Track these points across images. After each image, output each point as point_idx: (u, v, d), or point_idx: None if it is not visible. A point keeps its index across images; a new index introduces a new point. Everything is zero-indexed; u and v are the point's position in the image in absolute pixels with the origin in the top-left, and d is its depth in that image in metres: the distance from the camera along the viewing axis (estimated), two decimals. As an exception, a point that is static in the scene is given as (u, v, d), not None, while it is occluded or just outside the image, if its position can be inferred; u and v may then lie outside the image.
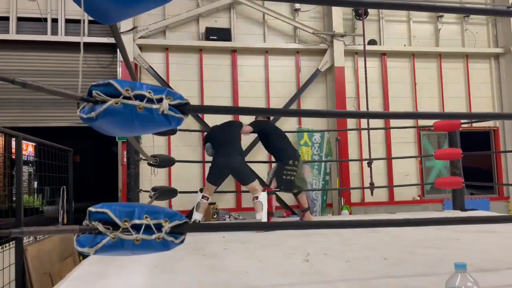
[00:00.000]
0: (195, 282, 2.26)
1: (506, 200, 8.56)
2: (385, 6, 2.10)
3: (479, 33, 8.84)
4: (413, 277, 2.24)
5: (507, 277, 2.16)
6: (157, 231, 1.26)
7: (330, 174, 7.95)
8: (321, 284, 2.16)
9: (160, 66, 7.63)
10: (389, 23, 8.61)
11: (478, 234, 3.56)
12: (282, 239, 3.57)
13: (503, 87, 8.76)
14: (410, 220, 2.99)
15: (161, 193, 3.52)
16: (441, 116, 3.39)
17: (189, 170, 7.42)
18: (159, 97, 1.31)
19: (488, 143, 8.84)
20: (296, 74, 8.11)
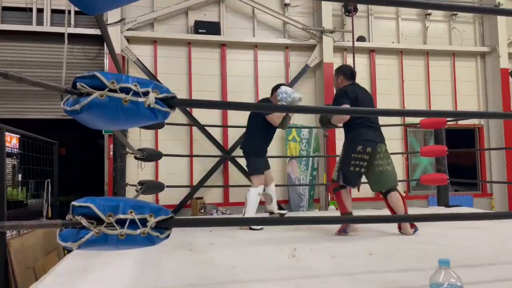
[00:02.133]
0: (181, 276, 2.25)
1: (489, 197, 8.71)
2: (374, 2, 2.10)
3: (466, 31, 8.94)
4: (398, 272, 2.26)
5: (489, 272, 2.20)
6: (142, 226, 1.24)
7: (318, 169, 8.00)
8: (308, 279, 2.17)
9: (148, 59, 7.55)
10: (378, 20, 8.65)
11: (462, 230, 3.62)
12: (269, 234, 3.58)
13: (488, 86, 8.88)
14: (396, 217, 3.02)
15: (148, 187, 3.48)
16: (427, 114, 3.44)
17: (176, 164, 7.37)
18: (145, 90, 1.29)
19: (472, 140, 8.97)
20: (285, 69, 8.11)
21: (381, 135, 3.64)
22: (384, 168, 3.51)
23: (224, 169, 7.70)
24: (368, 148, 3.50)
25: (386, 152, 3.57)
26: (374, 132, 3.58)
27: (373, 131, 3.57)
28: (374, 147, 3.51)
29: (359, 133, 3.54)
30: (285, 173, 7.82)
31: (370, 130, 3.57)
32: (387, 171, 3.51)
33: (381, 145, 3.56)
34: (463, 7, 4.13)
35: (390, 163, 3.56)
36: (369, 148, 3.50)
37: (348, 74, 3.83)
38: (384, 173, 3.50)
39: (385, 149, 3.59)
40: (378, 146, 3.53)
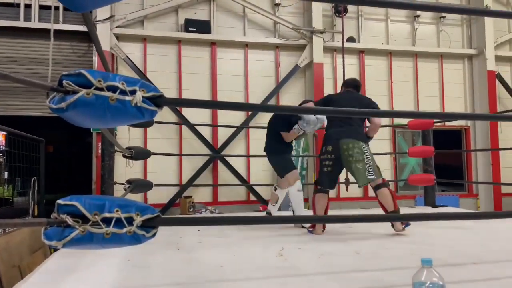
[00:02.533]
0: (168, 275, 2.25)
1: (475, 197, 8.85)
2: (365, 3, 2.13)
3: (454, 34, 9.06)
4: (383, 271, 2.29)
5: (472, 272, 2.24)
6: (128, 225, 1.24)
7: (307, 169, 8.03)
8: (295, 278, 2.19)
9: (137, 56, 7.51)
10: (368, 21, 8.72)
11: (448, 229, 3.67)
12: (257, 233, 3.58)
13: (475, 88, 9.01)
14: (382, 216, 3.06)
15: (136, 186, 3.47)
16: (415, 115, 3.48)
17: (165, 163, 7.36)
18: (133, 89, 1.29)
19: (459, 141, 9.09)
20: (275, 69, 8.13)
21: (348, 132, 3.52)
22: (354, 165, 3.45)
23: (214, 168, 7.69)
24: (328, 147, 3.57)
25: (357, 149, 3.45)
26: (337, 130, 3.56)
27: (336, 129, 3.57)
28: (335, 145, 3.52)
29: (326, 134, 3.72)
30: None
31: (334, 129, 3.61)
32: (357, 168, 3.43)
33: (346, 141, 3.48)
34: (450, 9, 4.19)
35: (361, 160, 3.42)
36: (329, 147, 3.56)
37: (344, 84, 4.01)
38: (357, 170, 3.44)
39: (354, 146, 3.46)
40: (341, 143, 3.49)
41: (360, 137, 3.56)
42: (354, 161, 3.45)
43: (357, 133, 3.56)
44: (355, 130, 3.56)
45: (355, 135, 3.52)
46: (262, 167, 7.90)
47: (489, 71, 8.73)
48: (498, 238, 3.33)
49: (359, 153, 3.45)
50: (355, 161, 3.44)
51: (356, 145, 3.47)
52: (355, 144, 3.47)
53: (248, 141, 7.90)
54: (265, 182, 7.80)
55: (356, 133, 3.55)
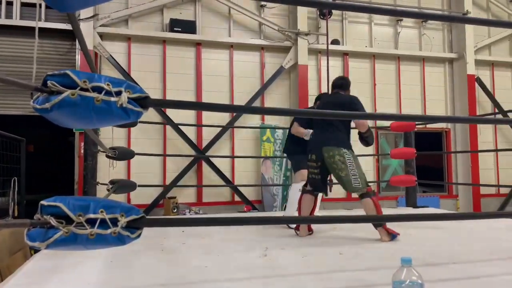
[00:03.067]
0: (151, 276, 2.24)
1: (455, 198, 9.04)
2: (348, 8, 2.17)
3: (435, 38, 9.25)
4: (365, 271, 2.33)
5: (451, 271, 2.30)
6: (113, 226, 1.24)
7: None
8: (278, 278, 2.21)
9: (121, 56, 7.44)
10: (352, 24, 8.83)
11: (429, 230, 3.75)
12: (241, 234, 3.60)
13: (455, 91, 9.21)
14: (365, 217, 3.11)
15: (120, 186, 3.44)
16: (397, 118, 3.53)
17: (149, 163, 7.31)
18: (118, 90, 1.29)
19: (440, 143, 9.28)
20: (260, 70, 8.16)
21: (329, 139, 3.48)
22: (338, 173, 3.40)
23: (198, 169, 7.68)
24: (312, 155, 3.59)
25: (339, 157, 3.39)
26: (319, 137, 3.57)
27: (318, 136, 3.59)
28: (318, 153, 3.51)
29: (309, 140, 3.74)
30: (259, 173, 7.87)
31: (316, 135, 3.63)
32: (341, 176, 3.38)
33: (327, 148, 3.44)
34: (430, 15, 4.28)
35: (344, 168, 3.36)
36: (313, 155, 3.57)
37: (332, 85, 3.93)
38: (341, 178, 3.39)
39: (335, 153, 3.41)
40: (324, 150, 3.46)
41: (342, 143, 3.47)
42: (337, 169, 3.39)
43: (337, 139, 3.48)
44: (336, 137, 3.49)
45: (336, 142, 3.46)
46: (247, 167, 7.93)
47: (469, 74, 8.94)
48: (477, 238, 3.42)
49: (342, 161, 3.38)
50: (339, 169, 3.38)
51: (337, 153, 3.41)
52: (335, 151, 3.41)
53: (233, 142, 7.91)
54: (249, 183, 7.83)
55: (337, 140, 3.48)
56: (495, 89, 9.43)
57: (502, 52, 9.72)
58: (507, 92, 9.57)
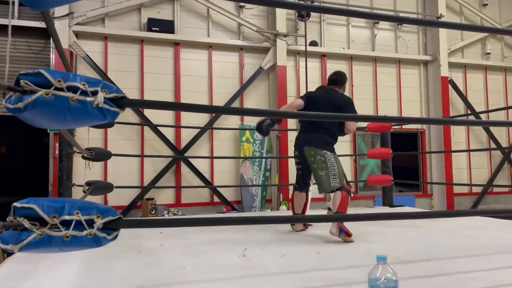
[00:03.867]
0: (129, 278, 2.21)
1: (429, 197, 9.26)
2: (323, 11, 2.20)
3: (410, 40, 9.45)
4: (342, 269, 2.36)
5: (424, 268, 2.36)
6: (89, 227, 1.22)
7: (271, 170, 8.11)
8: (257, 278, 2.22)
9: (98, 55, 7.32)
10: (330, 26, 8.94)
11: (404, 228, 3.83)
12: (221, 234, 3.59)
13: (430, 93, 9.44)
14: (341, 216, 3.15)
15: (96, 188, 3.38)
16: (373, 119, 3.58)
17: (127, 164, 7.21)
18: (94, 90, 1.27)
19: (415, 144, 9.49)
20: (239, 70, 8.17)
21: (312, 139, 3.50)
22: (318, 172, 3.43)
23: (177, 170, 7.62)
24: (295, 152, 3.67)
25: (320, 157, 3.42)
26: (304, 136, 3.61)
27: (303, 135, 3.62)
28: (300, 151, 3.59)
29: (296, 138, 3.76)
30: (238, 174, 7.86)
31: (301, 134, 3.68)
32: (321, 176, 3.40)
33: (308, 148, 3.49)
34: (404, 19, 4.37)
35: (324, 167, 3.39)
36: (296, 152, 3.66)
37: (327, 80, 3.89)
38: (321, 177, 3.41)
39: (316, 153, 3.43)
40: (305, 149, 3.51)
41: (324, 145, 3.47)
42: (318, 169, 3.43)
43: (321, 140, 3.48)
44: (321, 138, 3.49)
45: (318, 143, 3.46)
46: (226, 168, 7.91)
47: (443, 76, 9.18)
48: (450, 236, 3.52)
49: (322, 160, 3.40)
50: (319, 168, 3.42)
51: (319, 153, 3.43)
52: (317, 151, 3.44)
53: (212, 143, 7.88)
54: (229, 184, 7.82)
55: (320, 141, 3.48)
56: (467, 91, 9.71)
57: (474, 55, 10.02)
58: (479, 94, 9.87)
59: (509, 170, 9.88)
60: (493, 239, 3.36)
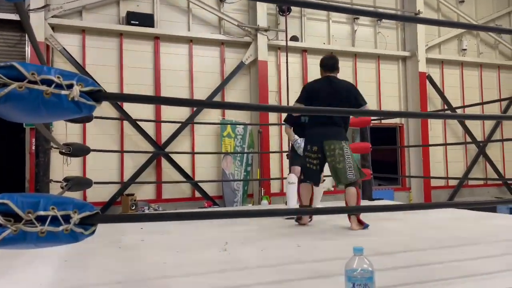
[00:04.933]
0: (108, 274, 2.20)
1: (407, 191, 9.45)
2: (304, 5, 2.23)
3: (389, 36, 9.58)
4: (321, 262, 2.40)
5: (401, 259, 2.41)
6: (65, 223, 1.21)
7: (252, 165, 8.13)
8: (237, 271, 2.23)
9: (75, 48, 7.17)
10: (311, 21, 8.98)
11: (383, 221, 3.90)
12: (202, 229, 3.59)
13: (408, 88, 9.61)
14: (321, 209, 3.19)
15: (74, 184, 3.34)
16: (351, 112, 3.61)
17: (106, 160, 7.11)
18: (69, 83, 1.25)
19: (394, 138, 9.66)
20: (220, 65, 8.13)
21: (331, 132, 3.48)
22: (336, 165, 3.42)
23: (157, 165, 7.56)
24: (314, 147, 3.54)
25: (339, 150, 3.43)
26: (320, 130, 3.51)
27: (320, 129, 3.52)
28: (320, 146, 3.50)
29: (309, 133, 3.66)
30: (219, 169, 7.86)
31: (317, 128, 3.55)
32: (337, 168, 3.42)
33: (329, 142, 3.46)
34: (383, 14, 4.44)
35: (342, 161, 3.41)
36: (315, 147, 3.54)
37: (323, 66, 3.68)
38: (339, 170, 3.42)
39: (336, 146, 3.43)
40: (325, 143, 3.47)
41: (342, 136, 3.51)
42: (336, 162, 3.43)
43: (340, 133, 3.51)
44: (338, 130, 3.50)
45: (338, 136, 3.48)
46: (207, 163, 7.89)
47: (421, 72, 9.35)
48: (427, 228, 3.60)
49: (341, 153, 3.42)
50: (337, 161, 3.42)
51: (338, 146, 3.44)
52: (337, 145, 3.44)
53: (193, 137, 7.84)
54: (210, 179, 7.80)
55: (339, 133, 3.51)
56: (444, 87, 9.92)
57: (451, 51, 10.23)
58: (455, 89, 10.10)
59: (484, 164, 10.17)
60: (467, 230, 3.46)
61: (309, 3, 2.56)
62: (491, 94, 10.34)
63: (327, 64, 3.60)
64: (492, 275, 2.01)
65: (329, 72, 3.58)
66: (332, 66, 3.59)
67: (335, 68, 3.61)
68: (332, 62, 3.61)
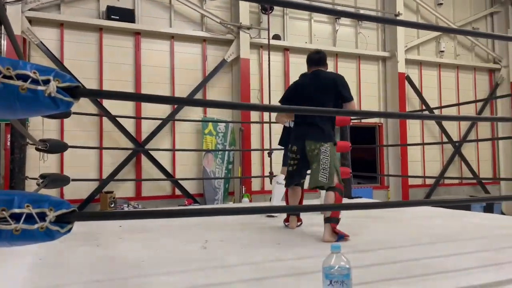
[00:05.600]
0: (85, 273, 2.17)
1: (386, 189, 9.61)
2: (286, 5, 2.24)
3: (370, 37, 9.71)
4: (300, 259, 2.43)
5: (377, 256, 2.46)
6: (41, 221, 1.19)
7: (233, 163, 8.13)
8: (216, 269, 2.23)
9: (53, 43, 7.02)
10: (293, 20, 9.01)
11: (361, 219, 3.96)
12: (182, 227, 3.58)
13: (388, 88, 9.76)
14: (302, 207, 3.22)
15: (51, 180, 3.26)
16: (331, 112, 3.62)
17: (84, 156, 6.99)
18: (46, 78, 1.22)
19: (373, 137, 9.80)
20: (202, 62, 8.09)
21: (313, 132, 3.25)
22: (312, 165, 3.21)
23: (137, 162, 7.47)
24: (293, 147, 3.38)
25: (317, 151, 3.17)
26: (302, 129, 3.33)
27: (301, 128, 3.35)
28: (300, 145, 3.30)
29: (292, 132, 3.50)
30: (200, 166, 7.82)
31: (299, 127, 3.39)
32: (313, 169, 3.20)
33: (309, 142, 3.23)
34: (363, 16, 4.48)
35: (316, 161, 3.16)
36: (294, 147, 3.37)
37: (308, 60, 3.51)
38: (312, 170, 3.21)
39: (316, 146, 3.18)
40: (306, 144, 3.25)
41: (325, 137, 3.23)
42: (312, 162, 3.22)
43: (322, 133, 3.24)
44: (320, 130, 3.24)
45: (320, 136, 3.22)
46: (188, 161, 7.85)
47: (400, 73, 9.52)
48: (404, 225, 3.68)
49: (317, 154, 3.18)
50: (313, 162, 3.21)
51: (318, 146, 3.19)
52: (317, 145, 3.20)
53: (174, 135, 7.78)
54: (191, 177, 7.76)
55: (321, 134, 3.24)
56: (422, 87, 10.12)
57: (429, 52, 10.44)
58: (433, 90, 10.31)
59: (459, 163, 10.43)
60: (443, 227, 3.55)
61: (291, 3, 2.57)
62: (467, 95, 10.61)
63: (313, 58, 3.47)
64: (465, 271, 2.07)
65: (315, 67, 3.45)
66: (317, 60, 3.45)
67: (320, 63, 3.45)
68: (318, 56, 3.46)
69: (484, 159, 10.84)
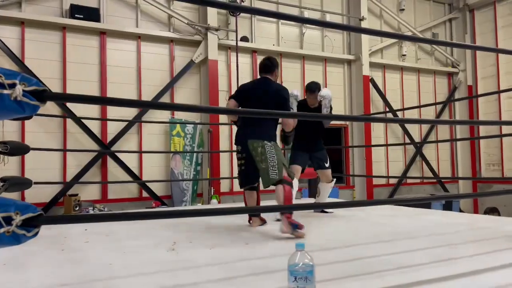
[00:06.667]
0: (51, 277, 2.13)
1: (352, 189, 9.87)
2: (254, 12, 2.30)
3: (336, 40, 9.94)
4: (268, 258, 2.49)
5: (340, 254, 2.56)
6: (7, 225, 1.19)
7: (202, 164, 8.11)
8: (185, 271, 2.25)
9: (13, 41, 6.78)
10: (261, 22, 9.11)
11: (327, 218, 4.08)
12: (149, 230, 3.56)
13: (353, 90, 10.03)
14: (268, 207, 3.29)
15: (12, 184, 3.18)
16: (297, 116, 3.72)
17: (47, 159, 6.79)
18: (12, 82, 1.22)
19: (339, 138, 10.04)
20: (169, 63, 8.03)
21: (254, 132, 3.43)
22: (259, 165, 3.37)
23: (103, 164, 7.33)
24: (238, 147, 3.55)
25: (261, 149, 3.36)
26: (244, 131, 3.52)
27: (243, 130, 3.53)
28: (244, 146, 3.48)
29: (236, 133, 3.65)
30: (168, 168, 7.76)
31: (241, 129, 3.58)
32: (262, 168, 3.35)
33: (251, 141, 3.41)
34: (328, 24, 4.63)
35: (264, 160, 3.32)
36: (239, 147, 3.54)
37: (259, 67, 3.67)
38: (262, 170, 3.37)
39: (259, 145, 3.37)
40: (249, 143, 3.42)
41: (267, 136, 3.42)
42: (259, 161, 3.37)
43: (262, 133, 3.42)
44: (261, 130, 3.42)
45: (260, 135, 3.41)
46: (155, 163, 7.77)
47: (364, 75, 9.80)
48: (367, 224, 3.82)
49: (263, 152, 3.34)
50: (259, 161, 3.36)
51: (261, 144, 3.37)
52: (259, 143, 3.38)
53: (141, 136, 7.68)
54: (158, 178, 7.68)
55: (262, 133, 3.42)
56: (386, 90, 10.46)
57: (392, 56, 10.81)
58: (395, 92, 10.69)
59: (421, 163, 10.85)
60: (403, 225, 3.71)
61: (261, 11, 2.63)
62: (428, 98, 11.06)
63: (262, 65, 3.62)
64: (419, 267, 2.20)
65: (264, 74, 3.60)
66: (266, 68, 3.59)
67: (269, 70, 3.59)
68: (267, 63, 3.60)
69: (443, 159, 11.34)
